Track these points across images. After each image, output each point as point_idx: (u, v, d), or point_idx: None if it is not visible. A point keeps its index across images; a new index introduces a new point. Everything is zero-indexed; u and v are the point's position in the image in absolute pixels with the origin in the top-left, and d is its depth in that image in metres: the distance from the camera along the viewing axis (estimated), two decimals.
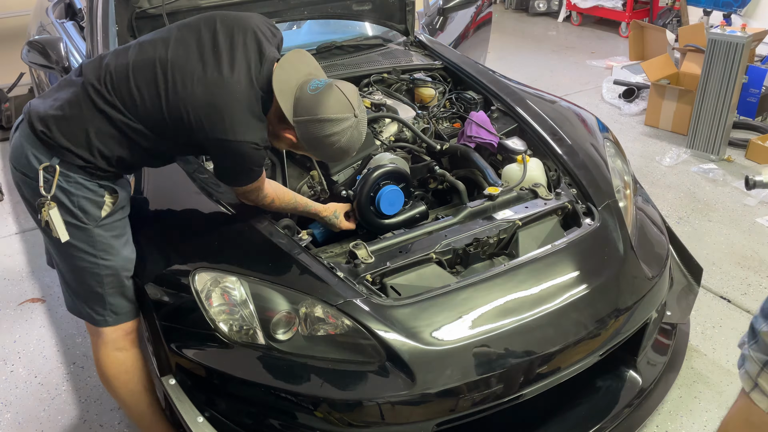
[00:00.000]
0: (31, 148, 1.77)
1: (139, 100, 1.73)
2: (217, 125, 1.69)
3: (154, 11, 2.46)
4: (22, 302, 3.11)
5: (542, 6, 8.02)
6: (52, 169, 1.75)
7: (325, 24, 3.38)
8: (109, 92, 1.75)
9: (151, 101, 1.73)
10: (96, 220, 1.82)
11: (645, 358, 2.31)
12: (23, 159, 1.79)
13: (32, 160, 1.77)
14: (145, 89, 1.73)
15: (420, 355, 1.77)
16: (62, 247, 1.82)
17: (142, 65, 1.75)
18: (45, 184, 1.75)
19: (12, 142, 1.85)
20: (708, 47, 4.11)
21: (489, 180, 2.38)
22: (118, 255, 1.89)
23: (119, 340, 1.97)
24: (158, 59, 1.75)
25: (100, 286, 1.88)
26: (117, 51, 1.85)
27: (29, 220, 3.78)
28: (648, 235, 2.31)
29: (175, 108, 1.71)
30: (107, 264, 1.87)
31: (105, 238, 1.85)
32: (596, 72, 6.04)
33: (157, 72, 1.73)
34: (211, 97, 1.69)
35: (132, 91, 1.74)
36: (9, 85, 5.08)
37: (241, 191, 1.94)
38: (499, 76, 2.96)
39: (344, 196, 2.27)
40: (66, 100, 1.78)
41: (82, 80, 1.79)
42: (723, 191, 3.93)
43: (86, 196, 1.80)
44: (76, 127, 1.75)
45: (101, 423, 2.44)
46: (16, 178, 1.84)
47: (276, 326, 1.84)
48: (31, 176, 1.78)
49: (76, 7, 3.66)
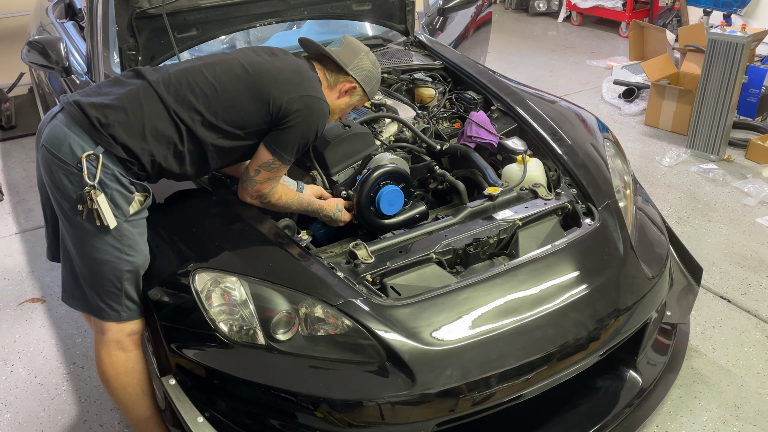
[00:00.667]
0: (75, 136, 1.79)
1: (218, 85, 1.90)
2: (305, 84, 1.97)
3: (154, 11, 2.46)
4: (22, 302, 3.11)
5: (542, 6, 8.02)
6: (95, 158, 1.78)
7: (325, 24, 3.38)
8: (179, 87, 1.88)
9: (232, 83, 1.91)
10: (125, 215, 1.85)
11: (645, 358, 2.31)
12: (64, 146, 1.79)
13: (75, 148, 1.78)
14: (224, 76, 1.92)
15: (420, 355, 1.77)
16: (88, 237, 1.83)
17: (213, 64, 1.96)
18: (89, 173, 1.78)
19: (48, 129, 1.84)
20: (708, 47, 4.11)
21: (489, 180, 2.38)
22: (141, 253, 1.91)
23: (123, 339, 1.97)
24: (227, 58, 1.99)
25: (119, 281, 1.89)
26: (175, 63, 2.05)
27: (29, 220, 3.79)
28: (648, 235, 2.31)
29: (260, 78, 1.93)
30: (130, 260, 1.88)
31: (132, 234, 1.87)
32: (596, 72, 6.04)
33: (232, 64, 1.96)
34: (290, 65, 2.00)
35: (209, 80, 1.91)
36: (9, 85, 5.08)
37: (261, 180, 1.98)
38: (499, 76, 2.96)
39: (344, 196, 2.27)
40: (124, 94, 1.85)
41: (141, 81, 1.89)
42: (723, 191, 3.93)
43: (119, 190, 1.83)
44: (133, 119, 1.82)
45: (101, 423, 2.44)
46: (50, 164, 1.83)
47: (276, 326, 1.84)
48: (70, 164, 1.79)
49: (76, 7, 3.66)
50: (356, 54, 2.09)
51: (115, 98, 1.84)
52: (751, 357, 2.66)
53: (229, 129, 1.92)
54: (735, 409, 2.42)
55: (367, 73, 2.11)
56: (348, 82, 2.09)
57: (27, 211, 3.91)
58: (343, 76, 2.08)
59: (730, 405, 2.44)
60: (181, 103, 1.87)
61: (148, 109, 1.84)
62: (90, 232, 1.83)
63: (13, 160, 4.60)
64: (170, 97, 1.86)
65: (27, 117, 5.01)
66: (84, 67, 2.88)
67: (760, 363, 2.63)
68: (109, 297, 1.90)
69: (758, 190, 3.85)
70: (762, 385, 2.52)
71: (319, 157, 2.33)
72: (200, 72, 1.93)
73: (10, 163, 4.55)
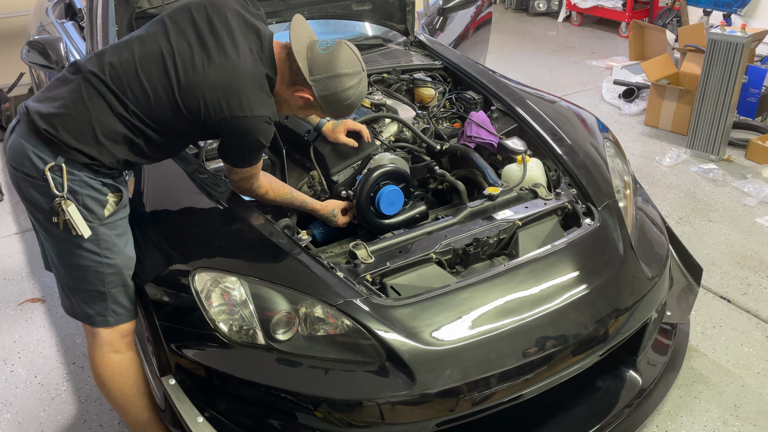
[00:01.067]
0: (33, 148, 1.76)
1: (151, 93, 1.77)
2: (234, 104, 1.77)
3: (154, 11, 2.46)
4: (22, 302, 3.11)
5: (542, 6, 8.02)
6: (58, 168, 1.76)
7: (325, 24, 3.38)
8: (117, 87, 1.77)
9: (165, 92, 1.77)
10: (100, 218, 1.83)
11: (645, 358, 2.31)
12: (25, 160, 1.78)
13: (36, 161, 1.76)
14: (158, 82, 1.77)
15: (420, 355, 1.77)
16: (66, 245, 1.82)
17: (149, 59, 1.79)
18: (56, 184, 1.75)
19: (9, 144, 1.83)
20: (708, 47, 4.11)
21: (489, 180, 2.38)
22: (121, 254, 1.89)
23: (116, 342, 1.96)
24: (164, 52, 1.79)
25: (102, 285, 1.88)
26: (115, 47, 1.86)
27: (29, 220, 3.78)
28: (648, 235, 2.31)
29: (189, 95, 1.76)
30: (110, 262, 1.87)
31: (109, 237, 1.85)
32: (596, 72, 6.04)
33: (167, 63, 1.78)
34: (224, 79, 1.77)
35: (143, 86, 1.77)
36: (9, 85, 5.08)
37: (237, 178, 1.97)
38: (499, 76, 2.96)
39: (344, 196, 2.27)
40: (68, 97, 1.78)
41: (82, 76, 1.79)
42: (723, 191, 3.93)
43: (90, 195, 1.80)
44: (81, 124, 1.76)
45: (101, 423, 2.44)
46: (17, 180, 1.83)
47: (276, 326, 1.84)
48: (36, 177, 1.77)
49: (76, 7, 3.66)
50: (333, 68, 1.83)
51: (60, 104, 1.77)
52: (751, 357, 2.66)
53: (171, 131, 1.85)
54: (735, 409, 2.42)
55: (332, 95, 1.85)
56: (304, 92, 1.86)
57: (26, 212, 3.90)
58: (302, 81, 1.85)
59: (730, 405, 2.44)
60: (121, 101, 1.77)
61: (94, 110, 1.76)
62: (67, 240, 1.81)
63: None
64: (110, 93, 1.77)
65: None
66: None
67: (760, 363, 2.63)
68: (95, 302, 1.90)
69: (758, 190, 3.84)
70: (762, 385, 2.52)
71: (319, 157, 2.33)
72: (135, 72, 1.78)
73: None
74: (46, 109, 1.78)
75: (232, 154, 1.91)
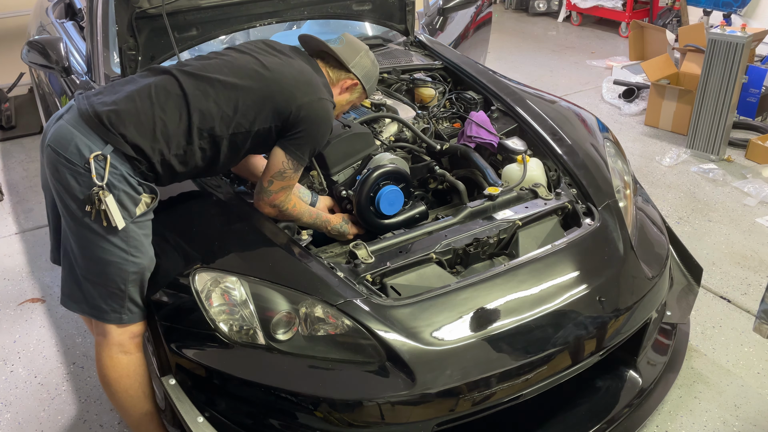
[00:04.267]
0: (81, 136, 1.79)
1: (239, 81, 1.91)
2: (308, 90, 1.97)
3: (154, 11, 2.46)
4: (22, 302, 3.11)
5: (542, 6, 8.02)
6: (103, 158, 1.78)
7: (325, 24, 3.38)
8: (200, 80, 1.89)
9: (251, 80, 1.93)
10: (131, 216, 1.84)
11: (645, 358, 2.31)
12: (71, 146, 1.79)
13: (82, 148, 1.78)
14: (243, 71, 1.94)
15: (420, 355, 1.77)
16: (93, 236, 1.82)
17: (231, 58, 1.99)
18: (97, 174, 1.77)
19: (55, 128, 1.84)
20: (708, 47, 4.11)
21: (489, 180, 2.38)
22: (147, 254, 1.90)
23: (126, 342, 1.96)
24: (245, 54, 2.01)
25: (123, 283, 1.88)
26: (195, 58, 2.07)
27: (29, 220, 3.79)
28: (648, 235, 2.31)
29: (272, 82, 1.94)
30: (136, 261, 1.87)
31: (137, 235, 1.87)
32: (596, 72, 6.04)
33: (249, 60, 1.99)
34: (297, 73, 2.00)
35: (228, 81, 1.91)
36: (9, 85, 5.08)
37: (276, 189, 1.98)
38: (499, 76, 2.96)
39: (344, 196, 2.26)
40: (136, 92, 1.85)
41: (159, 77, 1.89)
42: (723, 191, 3.93)
43: (126, 191, 1.82)
44: (144, 118, 1.82)
45: (101, 423, 2.44)
46: (56, 163, 1.81)
47: (276, 326, 1.84)
48: (77, 164, 1.78)
49: (76, 7, 3.66)
50: (357, 51, 2.13)
51: (126, 95, 1.84)
52: (751, 357, 2.66)
53: (245, 122, 1.91)
54: (735, 409, 2.42)
55: (367, 70, 2.15)
56: (349, 79, 2.13)
57: (27, 211, 3.91)
58: (344, 72, 2.12)
59: (730, 405, 2.44)
60: (200, 97, 1.86)
61: (160, 108, 1.83)
62: (96, 232, 1.82)
63: (13, 160, 4.60)
64: (190, 91, 1.87)
65: (27, 117, 5.01)
66: (84, 67, 2.88)
67: (760, 363, 2.63)
68: (112, 299, 1.89)
69: (758, 190, 3.85)
70: (762, 385, 2.52)
71: (318, 157, 2.32)
72: (219, 66, 1.95)
73: (10, 163, 4.55)
74: (112, 98, 1.84)
75: (297, 146, 1.97)
